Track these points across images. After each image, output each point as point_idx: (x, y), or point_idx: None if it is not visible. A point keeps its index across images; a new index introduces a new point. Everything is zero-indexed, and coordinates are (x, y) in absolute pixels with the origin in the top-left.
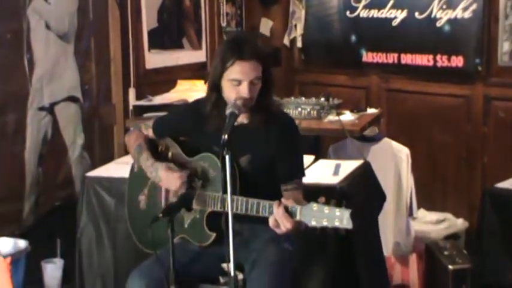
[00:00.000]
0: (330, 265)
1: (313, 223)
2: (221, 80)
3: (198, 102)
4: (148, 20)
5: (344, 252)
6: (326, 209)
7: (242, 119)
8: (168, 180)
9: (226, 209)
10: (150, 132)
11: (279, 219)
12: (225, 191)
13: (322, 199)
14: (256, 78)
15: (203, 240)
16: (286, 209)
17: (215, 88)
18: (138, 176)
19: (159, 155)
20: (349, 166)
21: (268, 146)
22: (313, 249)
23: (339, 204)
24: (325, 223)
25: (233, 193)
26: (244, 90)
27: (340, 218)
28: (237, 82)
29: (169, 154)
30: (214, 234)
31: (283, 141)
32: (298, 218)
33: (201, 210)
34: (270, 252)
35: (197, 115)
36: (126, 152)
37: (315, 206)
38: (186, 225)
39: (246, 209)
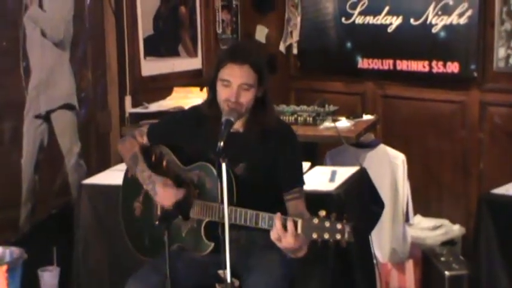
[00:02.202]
0: (327, 273)
1: (314, 236)
2: (215, 81)
3: (194, 109)
4: (144, 28)
5: (341, 260)
6: (327, 223)
7: (237, 127)
8: (164, 196)
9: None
10: (145, 140)
11: (280, 234)
12: (222, 200)
13: (323, 212)
14: (246, 85)
15: (201, 249)
16: (285, 220)
17: (211, 88)
18: (132, 182)
19: (153, 164)
20: (345, 172)
21: (264, 154)
22: (311, 257)
23: (339, 218)
24: (326, 236)
25: (230, 202)
26: (231, 92)
27: (341, 231)
28: (227, 83)
29: (164, 162)
30: (212, 244)
31: (282, 150)
32: (299, 231)
33: (198, 219)
34: (267, 259)
35: (194, 122)
36: (122, 160)
37: (315, 219)
38: (183, 234)
39: (245, 220)
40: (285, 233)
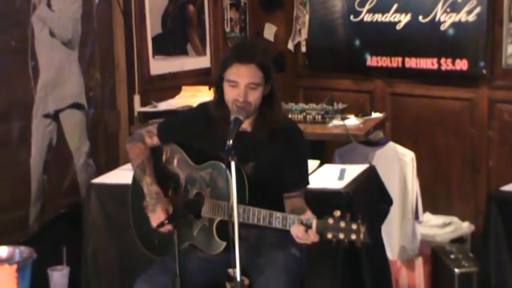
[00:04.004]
0: (337, 271)
1: (329, 236)
2: (222, 81)
3: (203, 106)
4: (152, 26)
5: (351, 258)
6: (342, 223)
7: (245, 126)
8: (157, 218)
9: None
10: (155, 140)
11: (301, 236)
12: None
13: (338, 212)
14: (253, 84)
15: (213, 248)
16: (301, 222)
17: (218, 88)
18: None
19: (164, 163)
20: (354, 171)
21: (272, 154)
22: (320, 256)
23: (354, 218)
24: (341, 236)
25: (242, 202)
26: (239, 93)
27: (357, 232)
28: (234, 83)
29: (175, 161)
30: (224, 243)
31: (288, 150)
32: (313, 231)
33: (210, 218)
34: (277, 257)
35: (203, 121)
36: None
37: (330, 219)
38: (195, 233)
39: (258, 219)
40: (305, 234)
